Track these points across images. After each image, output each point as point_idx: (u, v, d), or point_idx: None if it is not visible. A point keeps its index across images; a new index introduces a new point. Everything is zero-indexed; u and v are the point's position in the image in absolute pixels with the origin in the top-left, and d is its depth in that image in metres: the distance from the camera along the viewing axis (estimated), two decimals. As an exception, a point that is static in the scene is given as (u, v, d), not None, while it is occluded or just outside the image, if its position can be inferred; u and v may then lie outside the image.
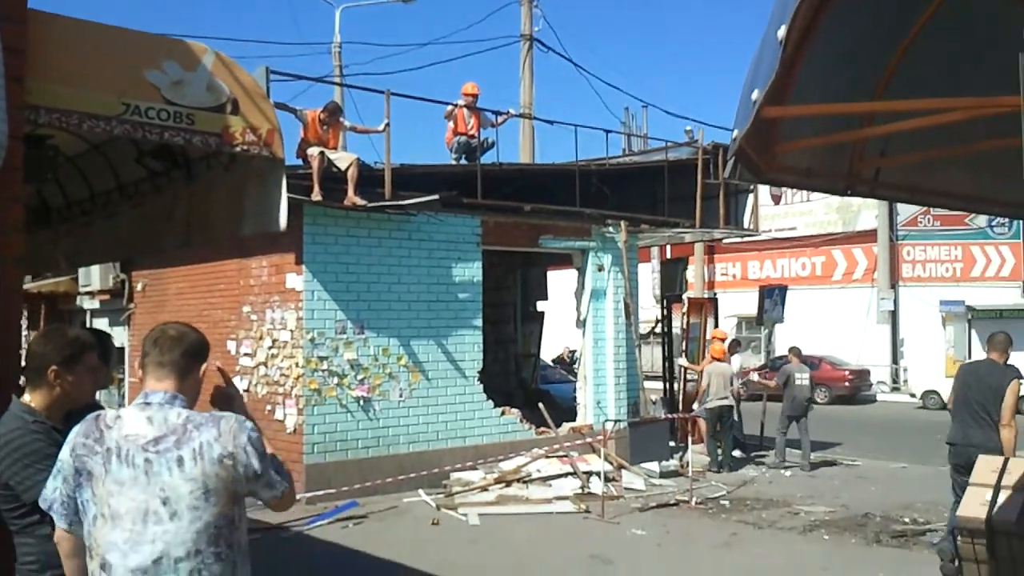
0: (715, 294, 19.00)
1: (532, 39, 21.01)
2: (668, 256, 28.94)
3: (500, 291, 18.91)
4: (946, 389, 25.80)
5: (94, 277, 15.30)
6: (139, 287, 15.35)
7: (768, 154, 4.09)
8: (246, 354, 12.61)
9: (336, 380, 11.68)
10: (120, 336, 16.10)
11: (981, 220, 31.75)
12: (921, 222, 32.27)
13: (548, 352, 24.94)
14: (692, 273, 35.82)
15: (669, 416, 14.18)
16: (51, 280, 17.13)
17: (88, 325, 17.19)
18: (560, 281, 20.16)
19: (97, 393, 3.84)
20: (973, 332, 31.25)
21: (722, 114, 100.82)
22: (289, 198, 10.40)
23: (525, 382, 19.35)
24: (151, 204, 5.82)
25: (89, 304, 16.76)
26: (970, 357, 29.35)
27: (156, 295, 14.96)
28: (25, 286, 16.78)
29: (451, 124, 13.24)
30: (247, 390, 12.53)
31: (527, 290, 19.68)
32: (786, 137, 4.07)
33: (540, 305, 20.01)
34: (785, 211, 33.11)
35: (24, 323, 19.52)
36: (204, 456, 2.77)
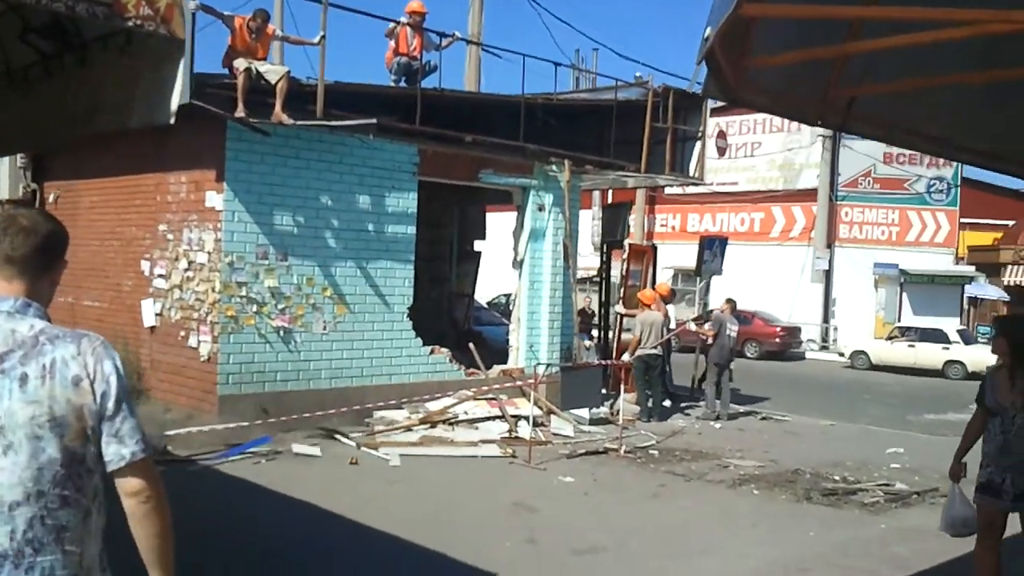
0: (654, 244, 18.62)
1: (482, -36, 20.15)
2: (610, 202, 28.56)
3: (437, 228, 18.30)
4: (875, 350, 26.31)
5: (1, 185, 14.28)
6: (51, 198, 14.37)
7: (740, 68, 3.58)
8: (160, 275, 11.86)
9: (255, 308, 11.02)
10: (29, 251, 15.13)
11: (920, 185, 32.02)
12: (861, 184, 32.39)
13: (484, 293, 24.50)
14: (633, 222, 35.60)
15: (601, 363, 13.84)
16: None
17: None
18: (500, 223, 19.62)
19: None
20: (904, 295, 31.68)
21: (676, 63, 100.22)
22: (211, 111, 9.76)
23: (457, 322, 18.89)
24: (41, 92, 5.10)
25: None
26: (900, 320, 29.74)
27: (69, 208, 13.99)
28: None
29: (392, 43, 12.46)
30: (159, 314, 11.82)
31: (465, 228, 19.11)
32: (762, 48, 3.56)
33: (478, 245, 19.47)
34: (728, 165, 32.89)
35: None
36: (55, 375, 2.21)
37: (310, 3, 12.30)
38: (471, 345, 12.46)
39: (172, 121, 3.93)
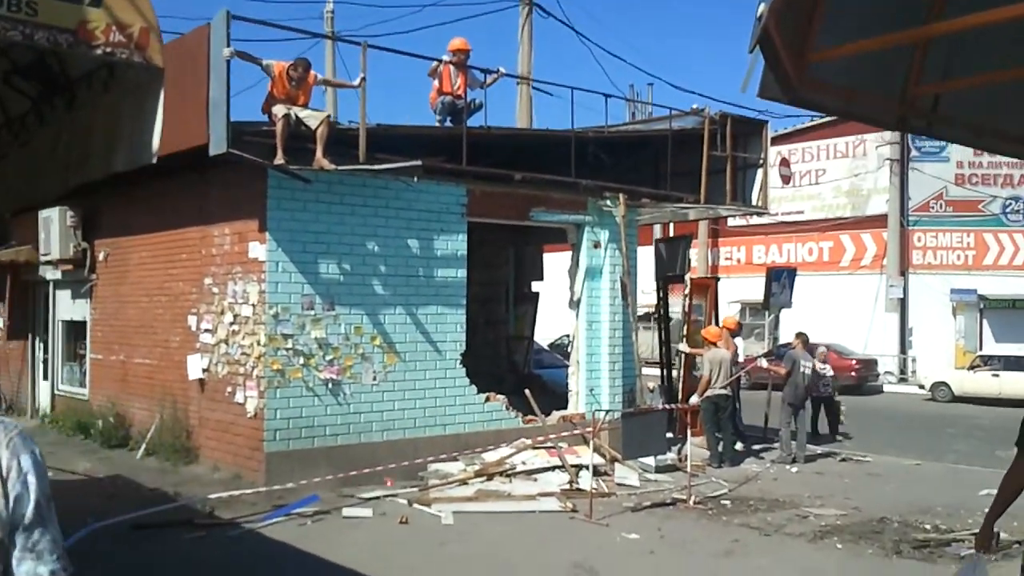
0: (716, 277, 17.93)
1: (532, 3, 19.86)
2: (671, 234, 27.82)
3: (491, 269, 17.88)
4: (956, 381, 24.99)
5: (53, 245, 14.20)
6: (101, 256, 14.28)
7: (802, 61, 3.01)
8: (206, 330, 11.56)
9: (302, 360, 10.62)
10: (82, 310, 15.07)
11: (995, 206, 30.65)
12: (933, 207, 31.13)
13: (545, 335, 23.91)
14: (695, 256, 34.76)
15: (666, 406, 13.11)
16: (11, 248, 16.06)
17: (51, 297, 16.18)
18: (558, 263, 19.09)
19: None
20: (985, 322, 30.18)
21: (733, 94, 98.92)
22: (252, 160, 9.45)
23: (516, 366, 18.32)
24: (35, 140, 4.75)
25: (52, 274, 15.68)
26: (981, 348, 28.28)
27: (118, 265, 13.89)
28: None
29: (436, 83, 12.12)
30: (207, 370, 11.50)
31: (521, 269, 18.62)
32: (827, 36, 2.98)
33: (535, 286, 18.94)
34: (792, 194, 31.96)
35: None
36: None
37: (353, 45, 12.01)
38: (527, 391, 11.86)
39: (154, 161, 3.49)
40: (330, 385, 10.81)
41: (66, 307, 15.76)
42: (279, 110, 9.99)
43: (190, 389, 11.85)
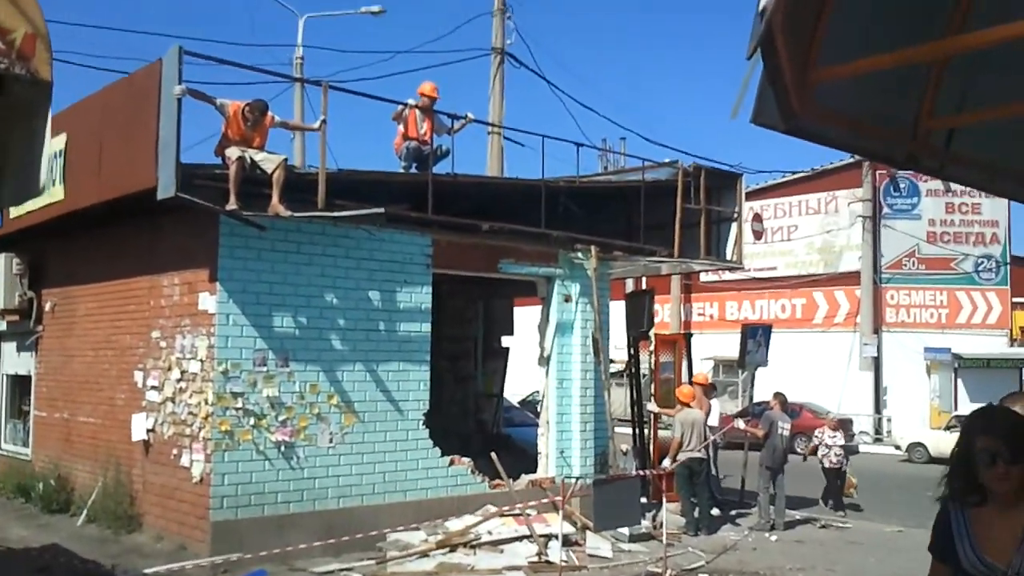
0: (691, 334, 17.51)
1: (503, 53, 19.59)
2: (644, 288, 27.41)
3: (459, 323, 17.35)
4: (932, 441, 24.55)
5: (-3, 295, 13.49)
6: (48, 306, 13.55)
7: (805, 81, 2.52)
8: (153, 387, 10.85)
9: (252, 421, 9.93)
10: (27, 363, 14.28)
11: (968, 264, 30.63)
12: (905, 265, 31.04)
13: (515, 391, 23.29)
14: (668, 312, 34.40)
15: (640, 472, 12.49)
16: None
17: (-6, 350, 15.36)
18: (529, 316, 18.58)
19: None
20: (959, 381, 29.90)
21: (707, 148, 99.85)
22: (202, 205, 8.87)
23: (485, 425, 17.70)
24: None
25: (-3, 326, 14.93)
26: (956, 408, 27.96)
27: (65, 316, 13.16)
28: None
29: (401, 127, 11.66)
30: (152, 430, 10.77)
31: (491, 323, 18.07)
32: (834, 52, 2.49)
33: (505, 341, 18.38)
34: (765, 250, 31.77)
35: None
36: None
37: (315, 87, 11.50)
38: (493, 455, 11.22)
39: (42, 193, 2.91)
40: (283, 448, 10.12)
41: (11, 360, 14.95)
42: (233, 152, 9.46)
43: (134, 451, 11.09)
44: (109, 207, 10.72)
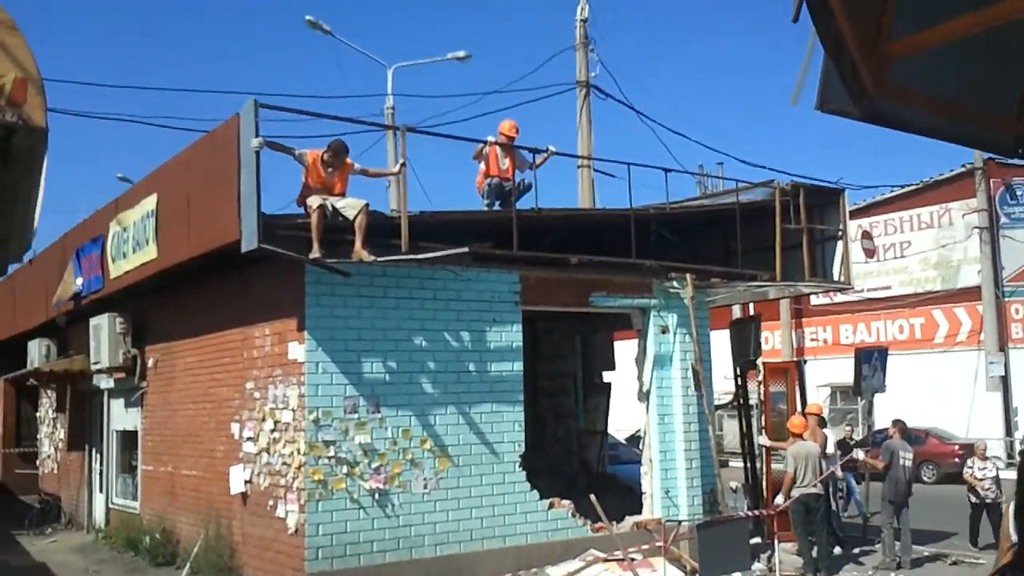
0: (805, 361, 16.70)
1: (589, 85, 19.33)
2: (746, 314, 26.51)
3: (557, 360, 16.98)
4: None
5: (103, 353, 13.77)
6: (151, 363, 13.81)
7: (877, 54, 2.10)
8: (249, 438, 10.83)
9: (345, 469, 9.78)
10: (134, 418, 14.57)
11: (1101, 272, 28.61)
12: (1030, 276, 29.21)
13: (621, 428, 22.68)
14: (779, 338, 33.20)
15: (749, 513, 11.79)
16: (64, 359, 15.79)
17: (105, 406, 15.75)
18: (631, 351, 18.08)
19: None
20: (1099, 398, 27.86)
21: (808, 168, 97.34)
22: (285, 255, 8.82)
23: (589, 463, 17.18)
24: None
25: (105, 383, 15.28)
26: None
27: (167, 371, 13.38)
28: (38, 365, 15.44)
29: (482, 166, 11.47)
30: (249, 481, 10.74)
31: (590, 359, 17.60)
32: (913, 16, 2.06)
33: (607, 376, 17.88)
34: (878, 268, 30.41)
35: (52, 404, 18.27)
36: None
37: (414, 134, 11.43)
38: (593, 497, 10.76)
39: (32, 243, 2.73)
40: (377, 496, 9.92)
41: (119, 416, 15.30)
42: (313, 201, 9.41)
43: (233, 503, 11.08)
44: (200, 262, 10.84)
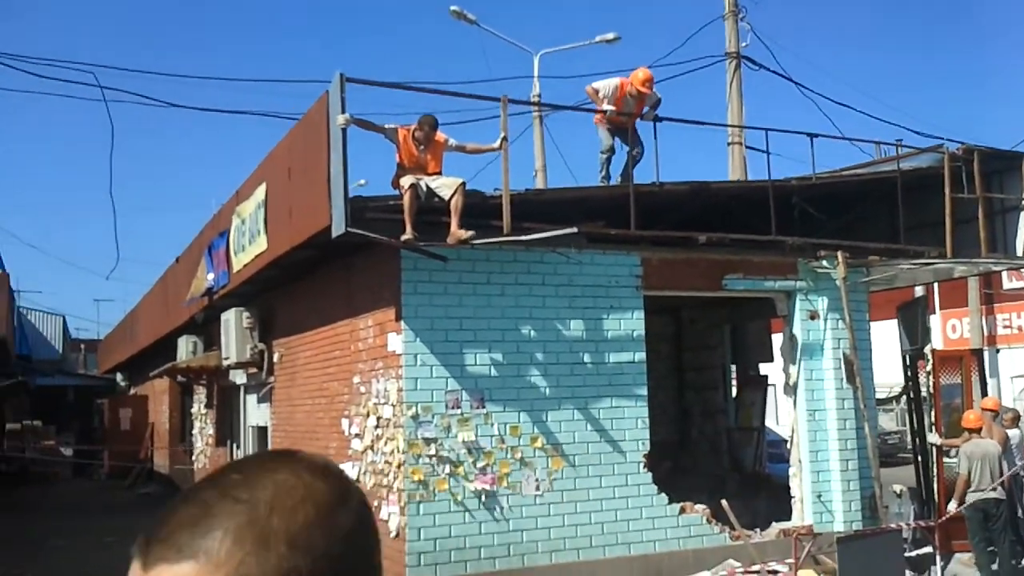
0: (976, 350, 14.66)
1: (739, 56, 17.87)
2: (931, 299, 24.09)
3: (704, 351, 15.75)
4: None
5: (231, 348, 13.70)
6: (276, 357, 13.64)
7: None
8: (356, 435, 10.33)
9: (448, 468, 9.07)
10: (264, 414, 14.48)
11: None
12: None
13: (780, 425, 21.03)
14: (967, 326, 30.21)
15: (909, 523, 10.26)
16: (203, 355, 15.97)
17: (241, 402, 15.82)
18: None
19: None
20: None
21: (995, 134, 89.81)
22: (373, 238, 8.19)
23: (741, 463, 15.83)
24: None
25: (240, 379, 15.31)
26: None
27: (290, 366, 13.14)
28: (181, 359, 15.66)
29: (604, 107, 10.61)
30: (357, 480, 10.21)
31: (741, 349, 16.25)
32: None
33: (763, 368, 16.46)
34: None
35: (203, 401, 18.66)
36: None
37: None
38: (724, 503, 9.58)
39: None
40: (483, 497, 9.15)
41: (253, 412, 15.31)
42: (405, 180, 8.74)
43: (346, 503, 10.60)
44: (313, 252, 10.43)
